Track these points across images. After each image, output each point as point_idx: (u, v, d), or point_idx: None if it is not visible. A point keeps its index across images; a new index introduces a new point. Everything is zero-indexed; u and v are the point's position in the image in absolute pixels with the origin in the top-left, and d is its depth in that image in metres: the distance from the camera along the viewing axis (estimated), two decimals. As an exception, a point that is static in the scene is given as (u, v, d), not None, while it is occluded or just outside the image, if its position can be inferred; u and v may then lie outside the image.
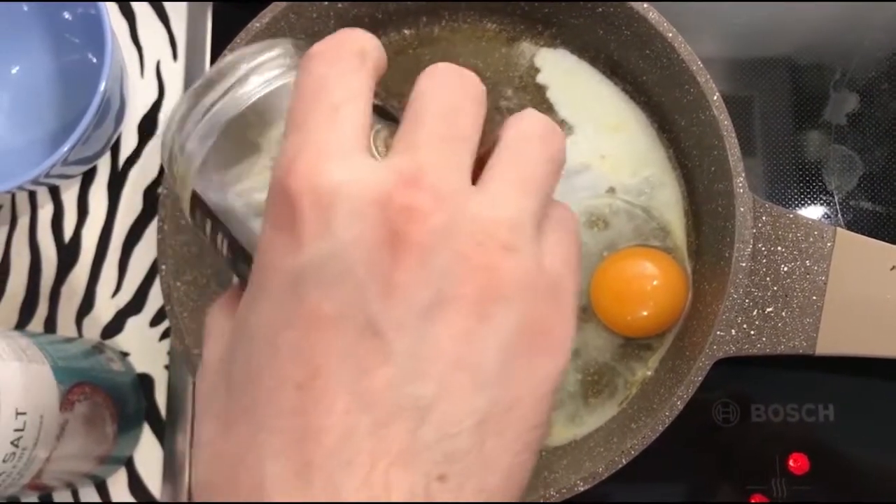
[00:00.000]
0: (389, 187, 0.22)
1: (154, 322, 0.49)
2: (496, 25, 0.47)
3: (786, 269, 0.42)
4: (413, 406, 0.21)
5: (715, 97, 0.40)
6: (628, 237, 0.44)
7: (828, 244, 0.41)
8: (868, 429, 0.45)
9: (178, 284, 0.42)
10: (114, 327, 0.49)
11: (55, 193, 0.51)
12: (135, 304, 0.49)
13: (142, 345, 0.49)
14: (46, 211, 0.51)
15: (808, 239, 0.42)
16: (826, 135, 0.48)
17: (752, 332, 0.41)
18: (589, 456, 0.41)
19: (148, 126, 0.51)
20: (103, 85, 0.44)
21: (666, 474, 0.45)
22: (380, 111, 0.25)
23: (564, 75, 0.46)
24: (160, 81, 0.51)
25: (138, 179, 0.50)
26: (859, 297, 0.41)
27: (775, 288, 0.41)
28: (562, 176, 0.26)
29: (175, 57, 0.52)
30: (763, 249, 0.42)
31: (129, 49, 0.52)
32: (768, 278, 0.42)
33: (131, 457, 0.48)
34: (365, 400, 0.21)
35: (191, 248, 0.44)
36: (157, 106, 0.51)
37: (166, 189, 0.43)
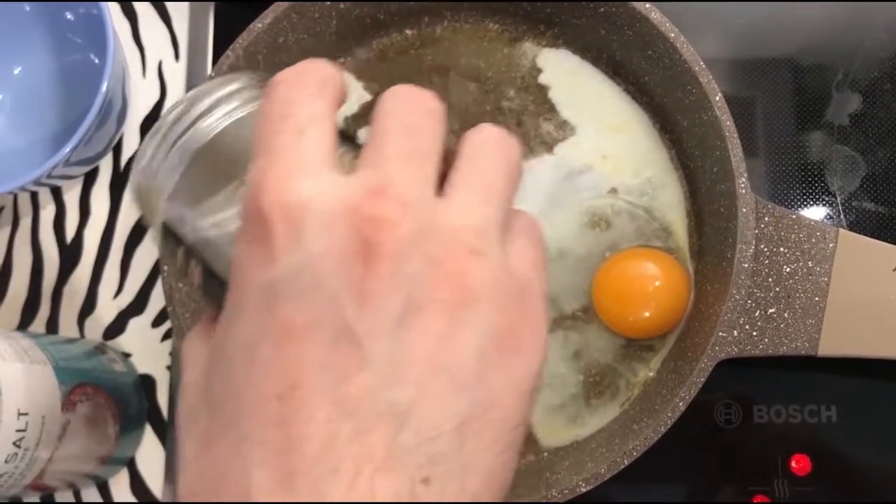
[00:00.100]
0: (357, 199, 0.22)
1: (156, 323, 0.49)
2: (498, 26, 0.47)
3: (788, 270, 0.41)
4: (392, 412, 0.22)
5: (717, 98, 0.40)
6: (630, 238, 0.44)
7: (830, 245, 0.41)
8: (870, 430, 0.45)
9: (180, 285, 0.42)
10: (116, 328, 0.49)
11: (57, 194, 0.51)
12: (137, 305, 0.49)
13: (144, 345, 0.49)
14: (48, 212, 0.51)
15: (811, 240, 0.42)
16: (828, 135, 0.48)
17: (755, 333, 0.41)
18: (591, 457, 0.41)
19: (150, 126, 0.51)
20: (105, 85, 0.44)
21: (668, 475, 0.45)
22: (343, 136, 0.26)
23: (566, 76, 0.46)
24: (162, 82, 0.51)
25: (140, 180, 0.50)
26: (862, 299, 0.41)
27: (777, 289, 0.41)
28: (566, 178, 0.26)
29: (177, 57, 0.52)
30: (765, 250, 0.42)
31: (131, 49, 0.52)
32: (770, 279, 0.41)
33: (133, 457, 0.48)
34: (345, 407, 0.21)
35: (193, 249, 0.44)
36: (159, 106, 0.51)
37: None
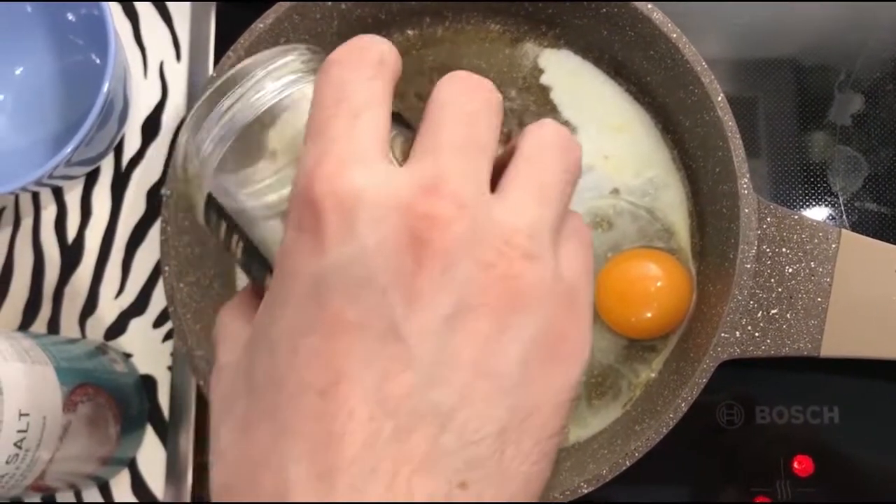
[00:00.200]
0: (411, 194, 0.22)
1: (157, 323, 0.49)
2: (500, 26, 0.47)
3: (790, 271, 0.41)
4: (435, 413, 0.21)
5: (719, 98, 0.40)
6: (632, 238, 0.44)
7: (832, 246, 0.41)
8: (873, 431, 0.45)
9: (182, 286, 0.42)
10: (117, 328, 0.49)
11: (58, 194, 0.51)
12: (138, 306, 0.49)
13: (145, 346, 0.49)
14: (50, 212, 0.51)
15: (813, 240, 0.41)
16: (831, 136, 0.48)
17: (757, 334, 0.41)
18: (593, 458, 0.41)
19: (151, 127, 0.51)
20: (107, 86, 0.44)
21: (670, 476, 0.45)
22: (395, 117, 0.25)
23: (568, 76, 0.46)
24: (163, 82, 0.51)
25: (142, 180, 0.50)
26: (864, 299, 0.41)
27: (780, 289, 0.41)
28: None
29: (178, 58, 0.52)
30: (767, 251, 0.41)
31: (133, 50, 0.52)
32: (773, 280, 0.41)
33: (134, 458, 0.48)
34: (387, 406, 0.21)
35: (194, 250, 0.43)
36: (161, 107, 0.51)
37: (170, 190, 0.43)
